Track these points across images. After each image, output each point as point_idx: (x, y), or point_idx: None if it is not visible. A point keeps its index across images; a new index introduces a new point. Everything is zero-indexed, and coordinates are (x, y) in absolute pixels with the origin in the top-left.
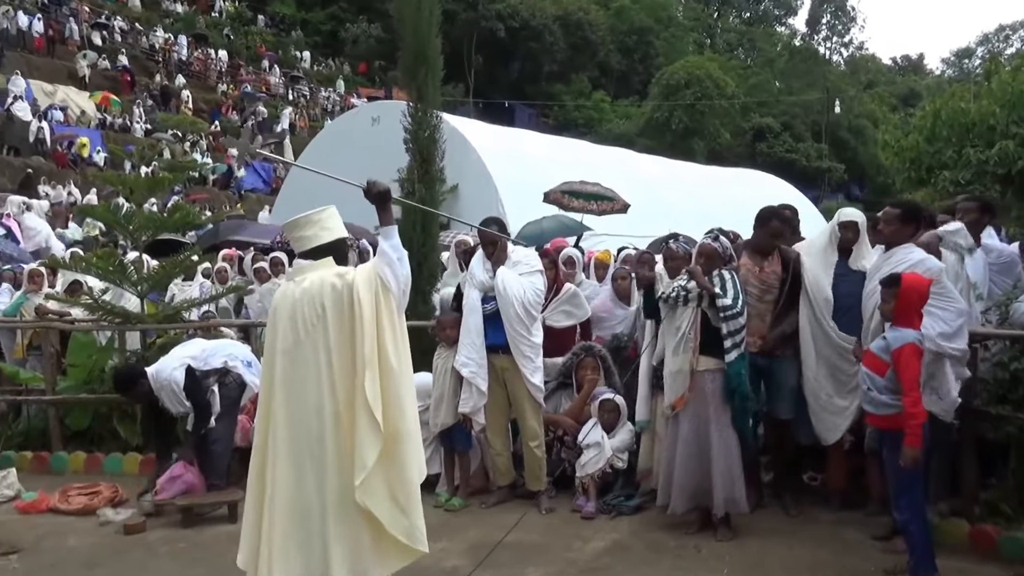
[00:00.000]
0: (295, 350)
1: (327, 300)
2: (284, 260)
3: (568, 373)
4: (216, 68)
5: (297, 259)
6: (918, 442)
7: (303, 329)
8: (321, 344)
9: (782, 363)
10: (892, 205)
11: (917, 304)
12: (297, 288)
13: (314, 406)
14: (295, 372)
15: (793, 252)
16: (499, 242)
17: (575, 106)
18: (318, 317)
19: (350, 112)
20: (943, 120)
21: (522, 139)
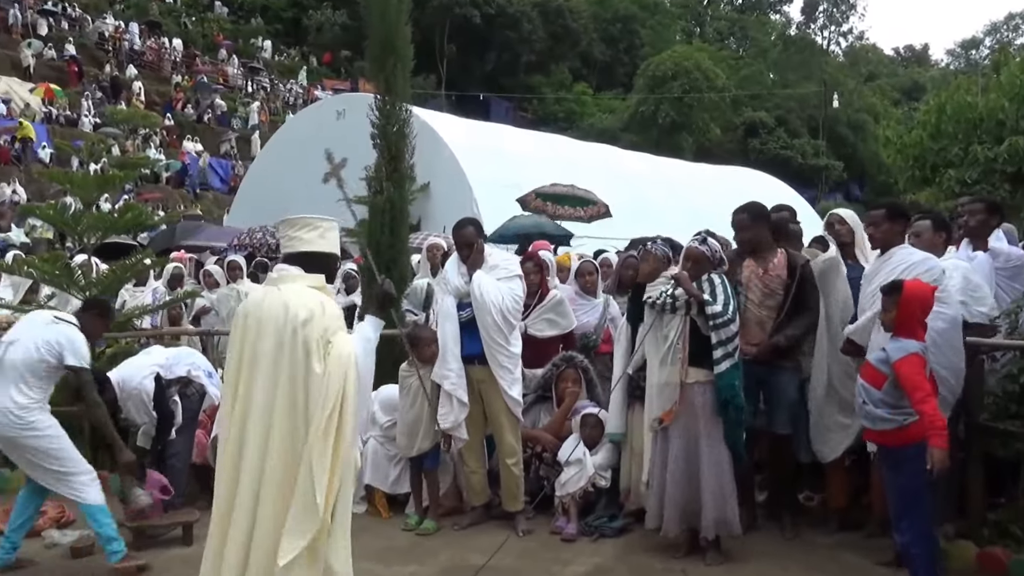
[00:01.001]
0: (257, 364)
1: (302, 327)
2: (242, 264)
3: (548, 385)
4: (170, 58)
5: (281, 264)
6: (945, 443)
7: (273, 340)
8: (286, 365)
9: (781, 374)
10: (877, 206)
11: (920, 314)
12: (276, 296)
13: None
14: (252, 389)
15: (801, 257)
16: (475, 244)
17: (555, 99)
18: (291, 335)
19: (314, 105)
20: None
21: (498, 134)
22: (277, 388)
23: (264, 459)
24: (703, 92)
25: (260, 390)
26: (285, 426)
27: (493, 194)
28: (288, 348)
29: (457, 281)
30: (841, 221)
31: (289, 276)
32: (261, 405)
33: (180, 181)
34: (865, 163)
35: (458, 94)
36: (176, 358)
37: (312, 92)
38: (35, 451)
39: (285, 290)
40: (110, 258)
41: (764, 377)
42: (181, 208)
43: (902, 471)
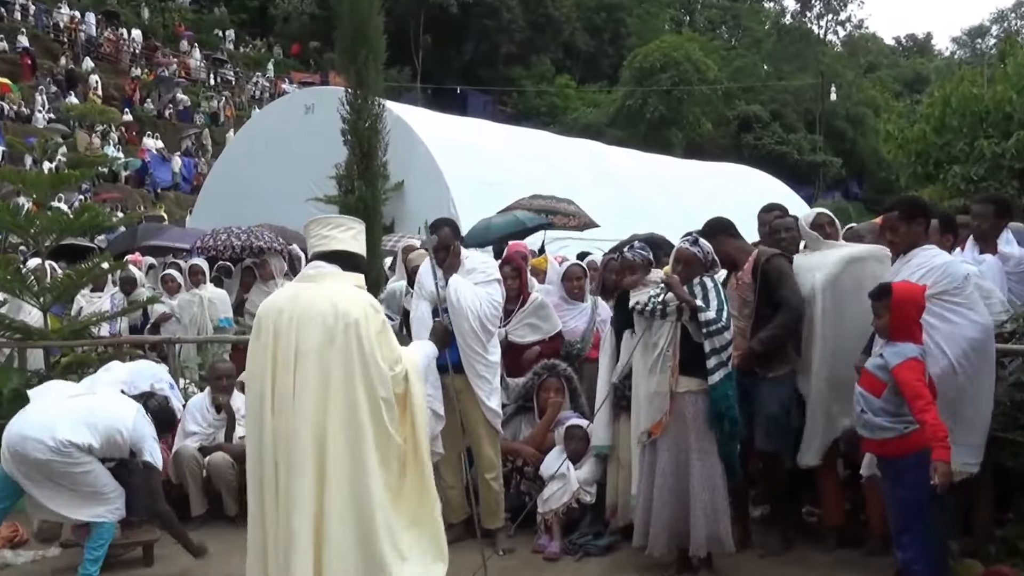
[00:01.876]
0: (300, 361)
1: (355, 325)
2: (204, 268)
3: (529, 395)
4: (129, 50)
5: (316, 261)
6: (949, 455)
7: (320, 337)
8: (339, 359)
9: (760, 386)
10: (889, 208)
11: (915, 314)
12: (318, 292)
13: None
14: (293, 387)
15: (764, 253)
16: (452, 247)
17: (536, 92)
18: (343, 331)
19: (281, 99)
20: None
21: (476, 130)
22: (329, 384)
23: (324, 461)
24: (693, 85)
25: (307, 388)
26: (340, 420)
27: (471, 193)
28: (341, 343)
29: (432, 286)
30: (832, 222)
31: (330, 274)
32: (310, 401)
33: (139, 180)
34: (865, 159)
35: (434, 87)
36: (138, 373)
37: (279, 85)
38: (69, 477)
39: (328, 287)
40: (66, 261)
41: (746, 389)
42: (141, 208)
43: (903, 482)
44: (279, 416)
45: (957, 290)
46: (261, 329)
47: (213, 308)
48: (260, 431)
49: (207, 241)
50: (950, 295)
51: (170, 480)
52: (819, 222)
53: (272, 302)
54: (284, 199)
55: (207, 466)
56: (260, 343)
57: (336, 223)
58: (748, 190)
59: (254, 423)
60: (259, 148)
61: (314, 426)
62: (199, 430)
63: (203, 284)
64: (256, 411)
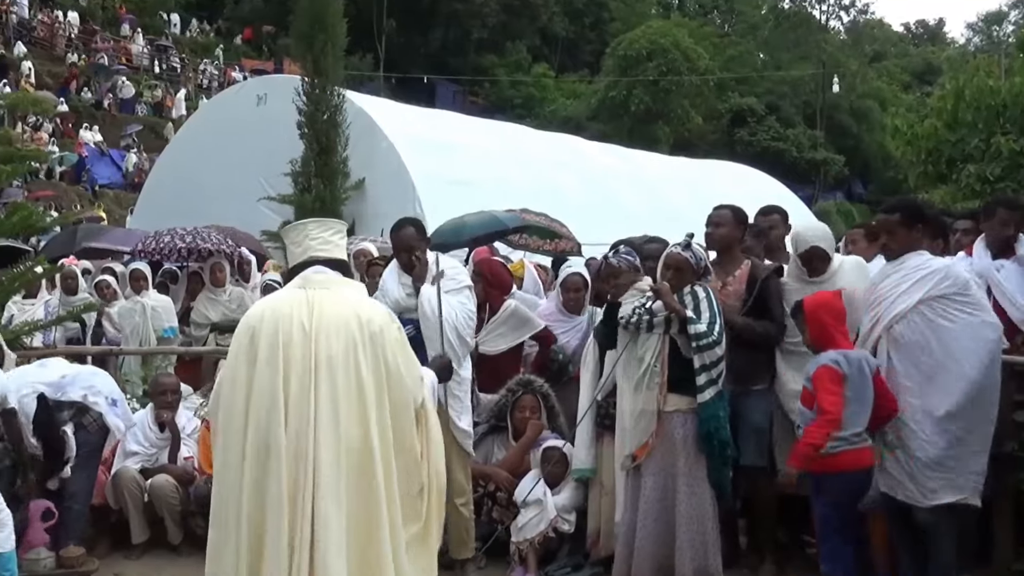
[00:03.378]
0: (319, 370)
1: (380, 333)
2: (147, 273)
3: (502, 414)
4: (65, 34)
5: (320, 267)
6: (799, 462)
7: (343, 345)
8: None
9: (747, 398)
10: (885, 210)
11: (832, 321)
12: (335, 298)
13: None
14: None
15: (764, 268)
16: (418, 250)
17: (511, 82)
18: (369, 339)
19: (231, 89)
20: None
21: (445, 123)
22: (364, 393)
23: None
24: (682, 75)
25: (335, 398)
26: (378, 431)
27: (439, 192)
28: (369, 350)
29: (398, 293)
30: (825, 257)
31: (341, 281)
32: (342, 413)
33: (76, 177)
34: (870, 157)
35: (399, 76)
36: (73, 378)
37: (229, 73)
38: None
39: (345, 294)
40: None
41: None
42: (78, 207)
43: (822, 499)
44: (296, 430)
45: (964, 293)
46: (258, 338)
47: (157, 317)
48: (266, 448)
49: (149, 243)
50: (960, 295)
51: (108, 505)
52: (810, 255)
53: (273, 307)
54: (234, 198)
55: (149, 490)
56: (260, 355)
57: (336, 228)
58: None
59: (257, 441)
60: (206, 142)
61: (347, 439)
62: (141, 450)
63: (145, 291)
64: (259, 427)
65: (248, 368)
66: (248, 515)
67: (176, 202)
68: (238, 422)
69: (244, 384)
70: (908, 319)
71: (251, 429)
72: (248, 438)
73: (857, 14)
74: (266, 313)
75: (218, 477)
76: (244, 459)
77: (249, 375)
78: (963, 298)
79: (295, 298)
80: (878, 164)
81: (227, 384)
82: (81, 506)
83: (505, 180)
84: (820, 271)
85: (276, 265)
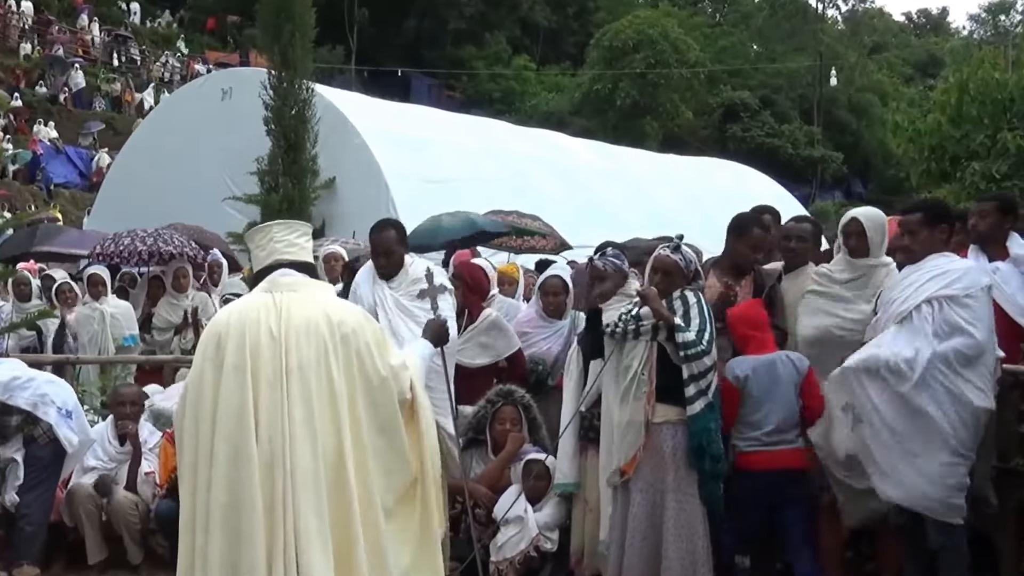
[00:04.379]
0: (290, 378)
1: (353, 334)
2: (105, 278)
3: (480, 427)
4: (18, 25)
5: (286, 269)
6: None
7: (314, 351)
8: (340, 373)
9: None
10: (910, 209)
11: (749, 329)
12: (302, 301)
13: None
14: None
15: (770, 275)
16: (395, 254)
17: (490, 75)
18: (341, 342)
19: (194, 82)
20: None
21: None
22: (337, 400)
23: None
24: (671, 67)
25: (307, 406)
26: (352, 438)
27: (413, 191)
28: (341, 354)
29: (371, 298)
30: (861, 232)
31: (308, 283)
32: (316, 421)
33: (30, 175)
34: (870, 154)
35: (371, 69)
36: (26, 383)
37: (192, 66)
38: None
39: (313, 296)
40: None
41: None
42: (32, 207)
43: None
44: (269, 438)
45: (968, 298)
46: (225, 344)
47: (116, 324)
48: (235, 455)
49: (108, 246)
50: (967, 299)
51: (64, 523)
52: (848, 229)
53: (240, 312)
54: (197, 198)
55: (107, 506)
56: (227, 361)
57: (302, 230)
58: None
59: (227, 449)
60: (168, 139)
61: (324, 449)
62: (99, 464)
63: (104, 296)
64: (229, 434)
65: (215, 374)
66: (221, 520)
67: (136, 202)
68: (205, 429)
69: (211, 391)
70: (911, 316)
71: (220, 437)
72: (216, 446)
73: (856, 3)
74: (232, 318)
75: (186, 484)
76: (212, 467)
77: (216, 381)
78: (964, 304)
79: (262, 303)
80: (878, 162)
81: (193, 390)
82: (35, 527)
83: (483, 179)
84: (858, 251)
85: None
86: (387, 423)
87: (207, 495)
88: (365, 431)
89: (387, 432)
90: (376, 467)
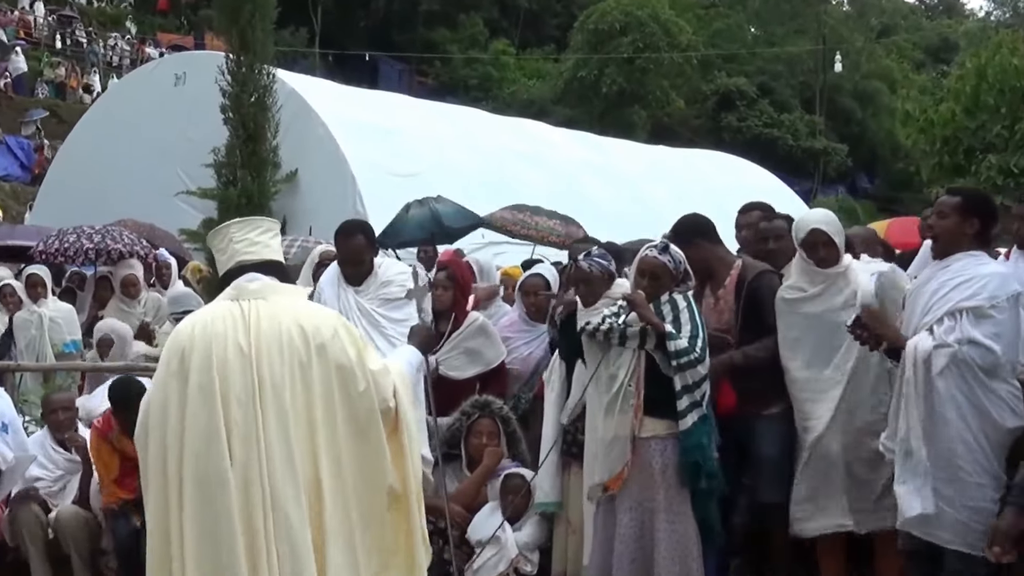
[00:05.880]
0: (263, 395)
1: (331, 343)
2: (45, 279)
3: (456, 441)
4: None
5: (253, 273)
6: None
7: (288, 367)
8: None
9: (754, 426)
10: (953, 191)
11: None
12: (274, 310)
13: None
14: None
15: (753, 269)
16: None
17: (465, 60)
18: (316, 354)
19: (145, 67)
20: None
21: (390, 107)
22: (315, 419)
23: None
24: (662, 51)
25: (284, 427)
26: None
27: (382, 185)
28: (317, 367)
29: (337, 303)
30: (829, 242)
31: (278, 288)
32: (280, 446)
33: None
34: (876, 146)
35: (336, 53)
36: None
37: (143, 49)
38: None
39: (284, 304)
40: None
41: (742, 429)
42: None
43: None
44: (244, 462)
45: (993, 309)
46: (189, 360)
47: (55, 328)
48: (207, 481)
49: (52, 244)
50: (985, 311)
51: (5, 543)
52: (813, 240)
53: (204, 325)
54: (148, 192)
55: (53, 523)
56: (192, 380)
57: (265, 226)
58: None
59: (198, 475)
60: (117, 128)
61: (302, 473)
62: (44, 475)
63: (43, 299)
64: (199, 460)
65: (180, 394)
66: (197, 552)
67: (82, 197)
68: (174, 454)
69: (177, 411)
70: (934, 329)
71: (190, 463)
72: (186, 472)
73: None
74: (197, 332)
75: (154, 511)
76: (184, 494)
77: (182, 401)
78: (987, 315)
79: (228, 312)
80: (886, 154)
81: (157, 411)
82: None
83: (458, 172)
84: (828, 260)
85: (197, 267)
86: (369, 438)
87: (180, 525)
88: (344, 449)
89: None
90: (356, 488)
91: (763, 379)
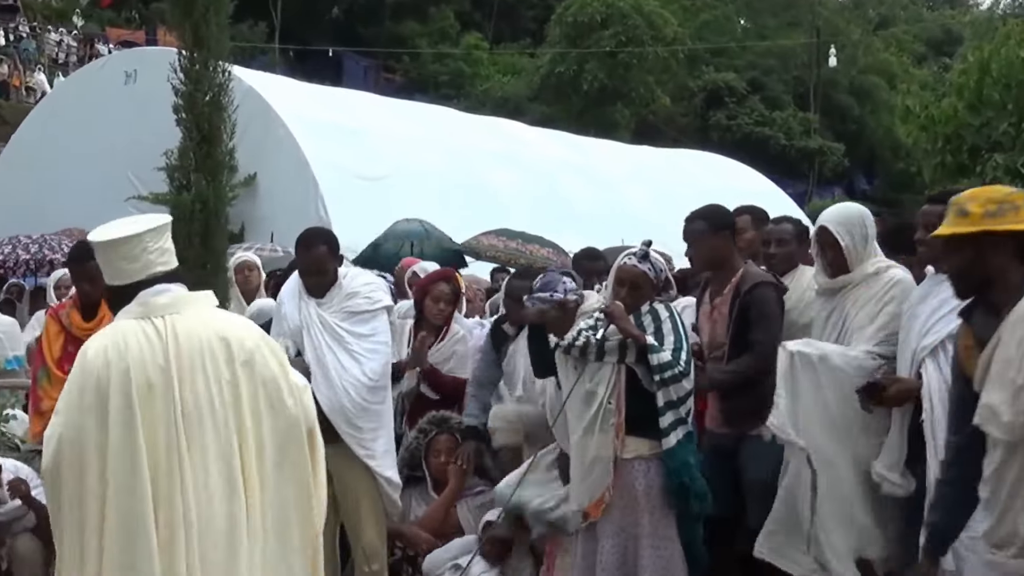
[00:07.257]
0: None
1: (257, 354)
2: None
3: (416, 461)
4: None
5: (165, 284)
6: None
7: (213, 388)
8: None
9: (742, 446)
10: (938, 197)
11: None
12: (191, 325)
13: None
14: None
15: (752, 277)
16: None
17: (435, 55)
18: (243, 368)
19: (93, 64)
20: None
21: (354, 105)
22: (246, 444)
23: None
24: (645, 45)
25: (200, 459)
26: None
27: (347, 189)
28: (245, 384)
29: (297, 320)
30: (833, 243)
31: (191, 299)
32: (206, 478)
33: None
34: (875, 145)
35: (298, 48)
36: None
37: (91, 45)
38: None
39: (204, 317)
40: None
41: (731, 448)
42: None
43: None
44: (168, 501)
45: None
46: (106, 392)
47: None
48: (133, 530)
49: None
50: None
51: None
52: (819, 241)
53: (118, 348)
54: (96, 197)
55: (8, 554)
56: (113, 416)
57: (169, 229)
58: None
59: (123, 525)
60: (63, 129)
61: (231, 504)
62: None
63: None
64: (123, 504)
65: (100, 432)
66: None
67: (25, 203)
68: (93, 495)
69: (94, 447)
70: (935, 356)
71: (112, 503)
72: (109, 513)
73: None
74: (111, 356)
75: (69, 555)
76: (105, 538)
77: (101, 439)
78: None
79: (142, 332)
80: (885, 153)
81: (72, 449)
82: None
83: (428, 174)
84: (834, 267)
85: None
86: (294, 462)
87: (98, 570)
88: (272, 478)
89: (295, 477)
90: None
91: (750, 393)
